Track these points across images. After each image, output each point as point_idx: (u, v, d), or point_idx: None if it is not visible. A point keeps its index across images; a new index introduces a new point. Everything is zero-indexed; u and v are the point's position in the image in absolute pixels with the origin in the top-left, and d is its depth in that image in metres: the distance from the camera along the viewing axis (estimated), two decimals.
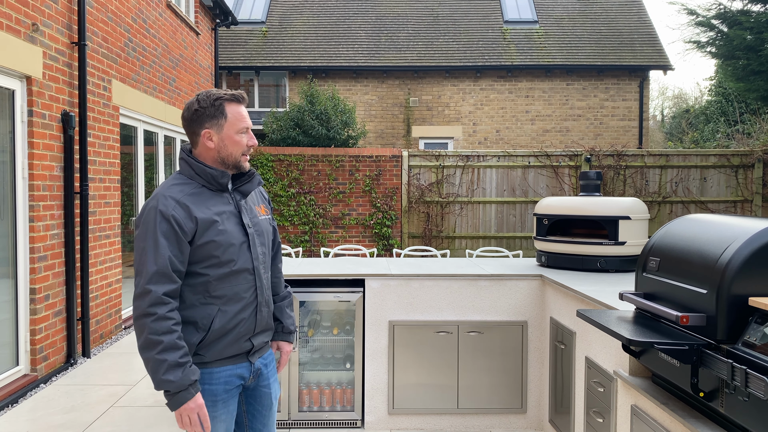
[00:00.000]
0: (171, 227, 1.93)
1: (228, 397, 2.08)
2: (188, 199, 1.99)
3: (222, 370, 2.05)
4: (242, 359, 2.10)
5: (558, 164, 9.93)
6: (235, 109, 2.06)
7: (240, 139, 2.07)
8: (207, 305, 2.00)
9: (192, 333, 2.00)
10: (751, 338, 1.74)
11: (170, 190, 2.00)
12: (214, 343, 2.02)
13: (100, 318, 6.11)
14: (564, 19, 15.23)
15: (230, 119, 2.05)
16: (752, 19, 10.73)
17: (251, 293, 2.09)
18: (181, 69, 8.85)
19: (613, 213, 3.77)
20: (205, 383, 2.03)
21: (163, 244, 1.91)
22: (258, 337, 2.15)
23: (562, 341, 3.42)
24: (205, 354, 2.02)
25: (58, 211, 5.31)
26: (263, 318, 2.15)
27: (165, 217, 1.93)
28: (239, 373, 2.10)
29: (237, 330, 2.05)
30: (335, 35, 14.88)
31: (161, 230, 1.92)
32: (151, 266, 1.89)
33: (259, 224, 2.17)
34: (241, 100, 2.10)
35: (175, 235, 1.93)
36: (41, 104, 5.06)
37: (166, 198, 1.96)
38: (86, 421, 4.14)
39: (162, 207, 1.94)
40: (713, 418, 1.92)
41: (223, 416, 2.07)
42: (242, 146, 2.07)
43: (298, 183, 9.91)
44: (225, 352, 2.04)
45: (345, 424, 3.93)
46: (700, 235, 2.07)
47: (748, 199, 9.77)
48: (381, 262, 4.52)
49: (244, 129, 2.08)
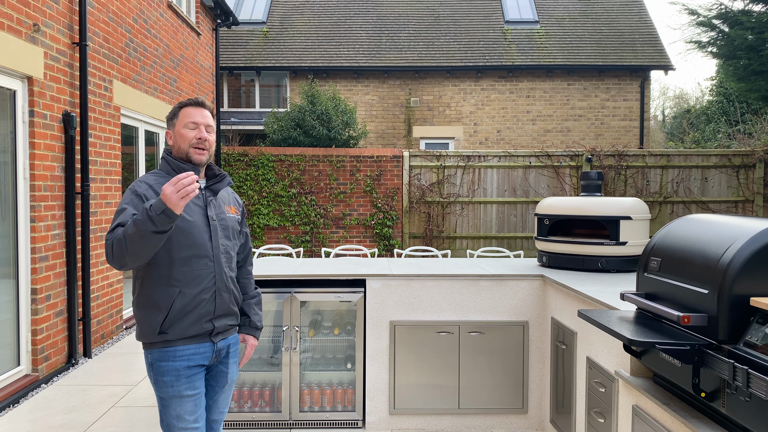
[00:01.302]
0: (140, 200, 2.19)
1: (191, 373, 2.25)
2: (159, 187, 2.24)
3: (185, 349, 2.25)
4: (204, 339, 2.30)
5: (559, 164, 9.92)
6: (186, 110, 2.34)
7: (185, 132, 2.31)
8: (169, 287, 2.21)
9: (156, 312, 2.21)
10: (752, 338, 1.74)
11: (146, 177, 2.31)
12: (177, 322, 2.22)
13: (101, 318, 6.12)
14: (565, 19, 15.22)
15: (180, 117, 2.34)
16: (753, 19, 10.71)
17: (210, 278, 2.28)
18: (182, 69, 8.86)
19: (614, 213, 3.77)
20: (168, 360, 2.23)
21: (128, 210, 2.14)
22: (220, 320, 2.34)
23: (564, 341, 3.42)
24: (168, 332, 2.21)
25: (59, 211, 5.32)
26: (224, 302, 2.34)
27: (137, 194, 2.21)
28: (201, 352, 2.28)
29: (197, 311, 2.25)
30: (336, 35, 14.88)
31: (130, 201, 2.19)
32: (114, 222, 2.14)
33: (225, 220, 2.40)
34: (196, 104, 2.35)
35: (141, 204, 2.16)
36: (42, 105, 5.07)
37: (140, 182, 2.28)
38: (87, 421, 4.15)
39: (135, 187, 2.25)
40: (715, 419, 1.92)
41: (188, 392, 2.24)
42: (188, 138, 2.30)
43: (299, 183, 9.91)
44: (187, 331, 2.24)
45: (346, 425, 3.93)
46: (701, 236, 2.06)
47: (749, 200, 9.76)
48: (382, 262, 4.52)
49: (191, 124, 2.31)
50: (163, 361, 2.22)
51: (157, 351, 2.24)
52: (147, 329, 2.23)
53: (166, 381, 2.23)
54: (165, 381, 2.23)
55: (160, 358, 2.23)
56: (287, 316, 3.87)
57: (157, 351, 2.24)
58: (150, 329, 2.22)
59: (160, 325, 2.21)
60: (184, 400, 2.23)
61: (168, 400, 2.23)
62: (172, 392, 2.23)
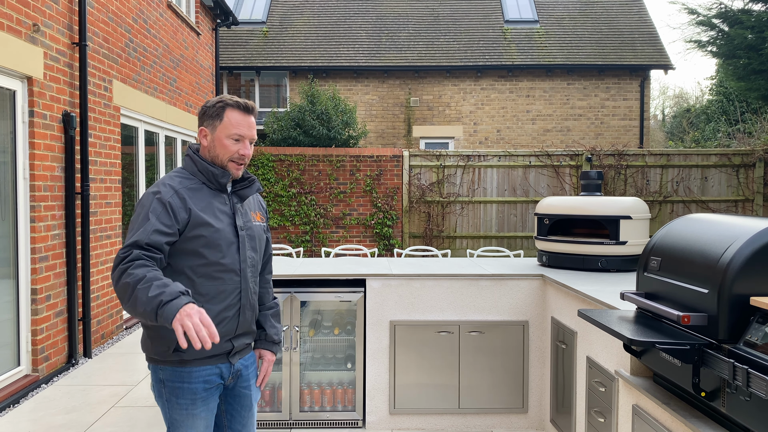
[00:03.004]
0: (165, 210, 1.96)
1: (207, 395, 2.09)
2: (186, 192, 2.04)
3: (201, 370, 2.06)
4: (222, 359, 2.11)
5: (559, 164, 9.92)
6: (233, 115, 2.08)
7: (228, 144, 2.08)
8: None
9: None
10: (752, 338, 1.74)
11: (171, 180, 2.06)
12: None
13: (101, 318, 6.12)
14: (565, 18, 15.22)
15: (224, 123, 2.08)
16: (753, 18, 10.71)
17: (236, 294, 2.10)
18: (181, 69, 8.85)
19: (614, 213, 3.77)
20: (184, 382, 2.04)
21: (152, 222, 1.92)
22: (239, 339, 2.16)
23: (564, 341, 3.42)
24: (185, 352, 2.02)
25: (59, 211, 5.32)
26: (246, 320, 2.16)
27: (161, 202, 1.97)
28: (218, 373, 2.11)
29: (219, 330, 2.05)
30: (336, 35, 14.88)
31: (154, 211, 1.95)
32: (132, 237, 1.91)
33: (252, 229, 2.19)
34: (245, 109, 2.11)
35: (167, 217, 1.96)
36: (42, 105, 5.07)
37: (165, 186, 2.03)
38: (87, 421, 4.15)
39: (161, 193, 1.99)
40: (715, 418, 1.92)
41: (203, 414, 2.08)
42: (230, 152, 2.09)
43: (298, 183, 9.91)
44: (204, 351, 2.03)
45: (346, 424, 3.93)
46: (701, 235, 2.06)
47: (749, 199, 9.76)
48: (382, 262, 4.52)
49: (236, 135, 2.08)
50: (179, 382, 2.04)
51: (170, 369, 2.05)
52: (160, 347, 2.03)
53: (181, 404, 2.05)
54: (180, 403, 2.05)
55: (175, 378, 2.05)
56: (287, 316, 3.87)
57: (169, 369, 2.05)
58: (164, 347, 2.02)
59: (175, 343, 1.99)
60: (198, 420, 2.07)
61: (180, 421, 2.06)
62: (186, 414, 2.06)
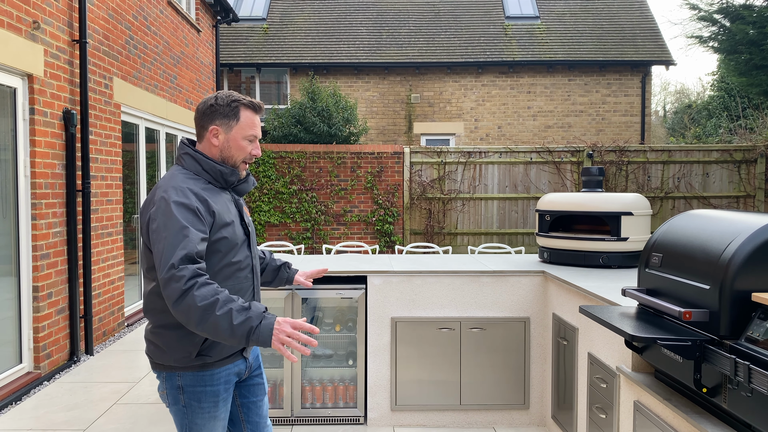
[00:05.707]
0: (197, 217, 1.90)
1: (227, 396, 2.10)
2: (204, 194, 1.98)
3: (222, 370, 2.06)
4: (238, 357, 2.12)
5: (560, 160, 9.91)
6: (249, 116, 2.08)
7: (245, 145, 2.08)
8: None
9: (195, 333, 1.94)
10: (754, 334, 1.74)
11: (184, 182, 1.97)
12: (218, 342, 2.00)
13: (102, 315, 6.13)
14: (565, 14, 15.18)
15: (241, 123, 2.06)
16: (755, 14, 10.68)
17: (249, 292, 2.13)
18: (182, 66, 8.85)
19: (615, 209, 3.76)
20: (207, 385, 2.02)
21: (192, 233, 1.86)
22: None
23: (565, 337, 3.42)
24: (210, 354, 2.01)
25: (60, 208, 5.32)
26: None
27: (189, 208, 1.90)
28: (236, 371, 2.12)
29: None
30: (336, 31, 14.85)
31: (186, 219, 1.87)
32: (181, 250, 1.82)
33: (251, 225, 2.23)
34: (258, 110, 2.12)
35: (201, 223, 1.91)
36: (43, 102, 5.07)
37: (184, 191, 1.93)
38: (89, 418, 4.16)
39: (183, 199, 1.90)
40: (716, 414, 1.92)
41: (223, 414, 2.09)
42: (245, 153, 2.08)
43: (299, 180, 9.91)
44: (225, 351, 2.04)
45: (348, 421, 3.94)
46: (702, 231, 2.06)
47: (750, 195, 9.75)
48: (383, 258, 4.52)
49: (252, 137, 2.09)
50: (201, 386, 2.01)
51: (191, 374, 2.01)
52: (180, 353, 1.97)
53: (204, 407, 2.02)
54: (203, 407, 2.02)
55: (197, 383, 2.01)
56: (288, 313, 3.87)
57: (190, 374, 2.00)
58: (185, 352, 1.97)
59: (199, 347, 1.97)
60: (218, 422, 2.06)
61: (202, 425, 2.03)
62: (208, 417, 2.04)
